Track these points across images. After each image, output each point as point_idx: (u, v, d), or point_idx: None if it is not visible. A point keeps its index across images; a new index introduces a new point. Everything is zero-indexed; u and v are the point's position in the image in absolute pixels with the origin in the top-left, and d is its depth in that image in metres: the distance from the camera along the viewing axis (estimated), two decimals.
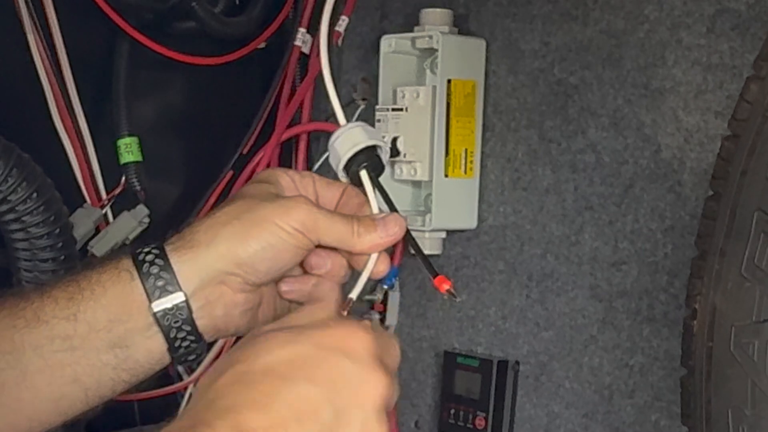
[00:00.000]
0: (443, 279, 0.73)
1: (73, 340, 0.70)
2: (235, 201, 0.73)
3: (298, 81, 1.41)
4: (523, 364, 1.28)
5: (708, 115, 1.12)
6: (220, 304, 0.72)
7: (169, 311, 0.71)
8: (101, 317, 0.70)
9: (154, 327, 0.71)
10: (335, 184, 0.78)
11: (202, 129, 1.42)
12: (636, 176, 1.18)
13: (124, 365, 0.71)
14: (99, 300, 0.70)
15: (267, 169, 0.80)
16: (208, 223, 0.72)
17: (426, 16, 1.29)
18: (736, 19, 1.10)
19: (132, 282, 0.71)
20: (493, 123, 1.30)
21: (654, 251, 1.17)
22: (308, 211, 0.72)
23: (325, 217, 0.73)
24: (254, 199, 0.73)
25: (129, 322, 0.71)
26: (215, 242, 0.71)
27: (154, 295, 0.70)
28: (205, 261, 0.71)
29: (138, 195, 1.30)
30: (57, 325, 0.70)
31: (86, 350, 0.70)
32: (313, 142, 1.45)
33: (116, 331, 0.70)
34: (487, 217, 1.31)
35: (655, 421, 1.17)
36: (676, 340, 1.12)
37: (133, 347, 0.71)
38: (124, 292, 0.71)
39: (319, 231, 0.72)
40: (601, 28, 1.20)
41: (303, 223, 0.72)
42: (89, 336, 0.70)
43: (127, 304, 0.71)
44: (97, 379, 0.71)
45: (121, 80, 1.30)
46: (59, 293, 0.71)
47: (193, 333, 0.72)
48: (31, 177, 1.08)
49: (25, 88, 1.21)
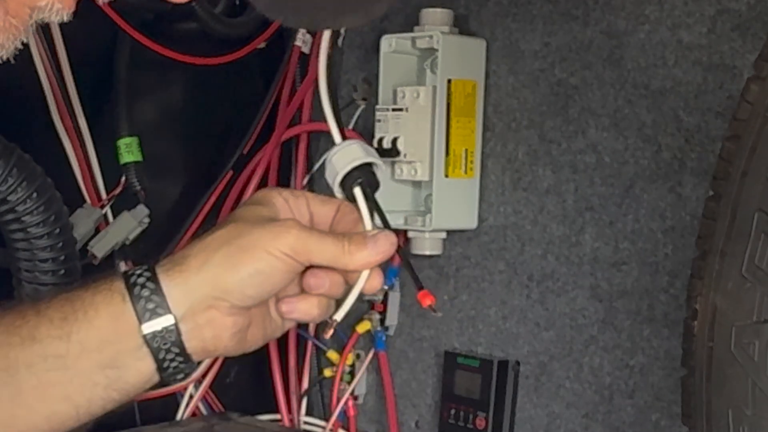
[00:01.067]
0: (426, 294, 0.75)
1: (66, 359, 0.72)
2: (227, 224, 0.75)
3: (298, 81, 1.41)
4: (524, 365, 1.28)
5: (708, 116, 1.12)
6: (209, 327, 0.73)
7: (158, 333, 0.72)
8: (93, 338, 0.72)
9: (144, 348, 0.72)
10: (330, 201, 0.79)
11: (202, 129, 1.42)
12: (636, 176, 1.18)
13: (114, 385, 0.73)
14: (92, 321, 0.72)
15: (262, 189, 0.81)
16: (200, 247, 0.74)
17: (426, 16, 1.29)
18: (736, 19, 1.10)
19: (124, 304, 0.72)
20: (494, 123, 1.30)
21: (654, 251, 1.17)
22: (297, 235, 0.73)
23: (315, 240, 0.74)
24: (246, 224, 0.74)
25: (120, 344, 0.72)
26: (205, 267, 0.72)
27: (144, 317, 0.72)
28: (194, 285, 0.72)
29: (138, 195, 1.30)
30: (50, 345, 0.72)
31: (78, 370, 0.72)
32: (313, 142, 1.45)
33: (107, 352, 0.72)
34: (488, 218, 1.31)
35: (656, 422, 1.17)
36: (676, 340, 1.12)
37: (124, 368, 0.73)
38: (115, 314, 0.72)
39: (310, 254, 0.73)
40: (601, 28, 1.20)
41: (293, 248, 0.73)
42: (81, 356, 0.72)
43: (119, 326, 0.72)
44: (88, 398, 0.73)
45: (121, 80, 1.29)
46: (54, 313, 0.72)
47: (182, 354, 0.73)
48: (31, 177, 1.08)
49: (25, 88, 1.21)
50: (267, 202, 0.77)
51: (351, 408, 1.39)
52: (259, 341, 0.78)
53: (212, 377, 1.37)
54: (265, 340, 0.78)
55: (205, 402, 1.39)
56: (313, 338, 1.42)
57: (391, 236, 0.76)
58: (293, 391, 1.41)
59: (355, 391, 1.40)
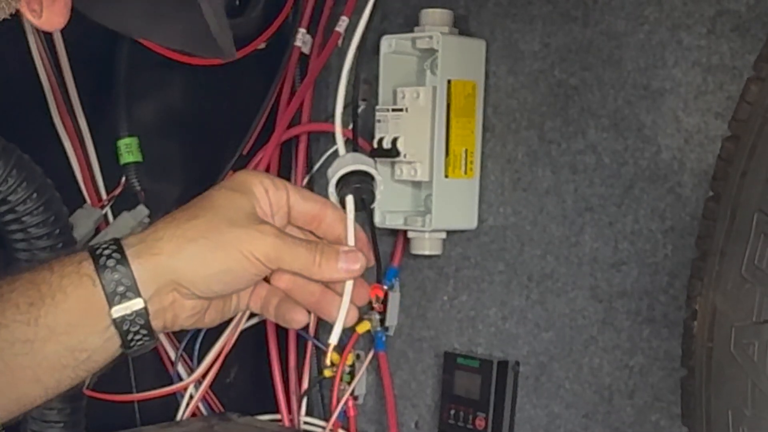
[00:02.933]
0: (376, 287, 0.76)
1: (33, 344, 0.72)
2: (205, 214, 0.75)
3: (298, 81, 1.41)
4: (523, 365, 1.28)
5: (708, 116, 1.12)
6: (170, 309, 0.75)
7: (128, 317, 0.73)
8: (62, 322, 0.72)
9: (111, 329, 0.73)
10: (311, 199, 0.80)
11: (202, 129, 1.42)
12: (636, 177, 1.18)
13: (83, 366, 0.73)
14: (60, 305, 0.72)
15: (243, 171, 0.82)
16: (173, 233, 0.74)
17: (426, 16, 1.29)
18: (736, 20, 1.10)
19: (93, 288, 0.72)
20: (493, 124, 1.30)
21: (654, 252, 1.17)
22: (273, 243, 0.74)
23: (289, 249, 0.75)
24: (223, 220, 0.74)
25: (88, 326, 0.73)
26: (177, 256, 0.73)
27: (114, 300, 0.72)
28: (164, 270, 0.73)
29: (138, 195, 1.30)
30: (17, 330, 0.71)
31: (47, 354, 0.72)
32: (313, 143, 1.45)
33: (76, 334, 0.72)
34: (487, 218, 1.31)
35: (655, 422, 1.17)
36: (676, 340, 1.12)
37: (92, 349, 0.73)
38: (85, 297, 0.72)
39: (281, 261, 0.75)
40: (601, 29, 1.20)
41: (266, 255, 0.74)
42: (50, 340, 0.72)
43: (88, 309, 0.72)
44: (57, 379, 0.73)
45: (121, 80, 1.29)
46: (19, 297, 0.72)
47: (148, 334, 0.74)
48: (31, 177, 1.08)
49: (25, 88, 1.21)
50: (246, 190, 0.77)
51: (351, 408, 1.39)
52: (215, 322, 0.80)
53: (212, 377, 1.37)
54: (222, 320, 0.80)
55: (205, 402, 1.39)
56: (313, 338, 1.42)
57: (363, 259, 0.77)
58: (293, 391, 1.41)
59: (355, 392, 1.40)
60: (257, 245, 0.74)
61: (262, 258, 0.74)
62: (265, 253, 0.74)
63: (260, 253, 0.74)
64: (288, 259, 0.75)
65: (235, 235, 0.74)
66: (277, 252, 0.74)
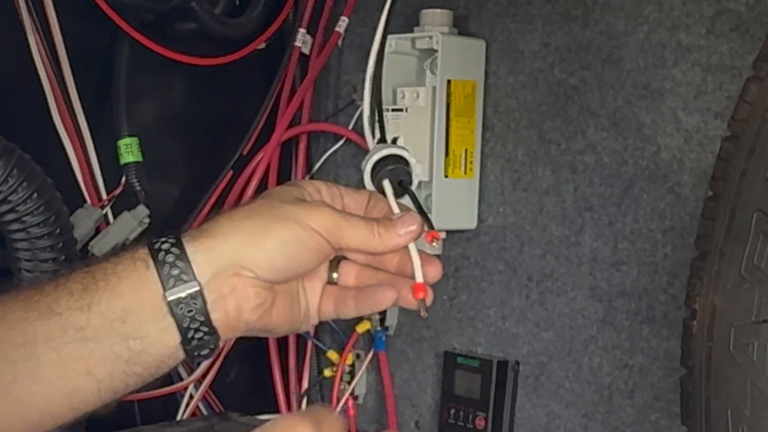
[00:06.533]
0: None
1: (86, 331, 0.69)
2: (258, 200, 0.75)
3: (298, 81, 1.41)
4: (523, 365, 1.28)
5: (707, 116, 1.12)
6: (232, 297, 0.72)
7: (183, 300, 0.70)
8: (115, 307, 0.70)
9: (168, 317, 0.70)
10: (360, 192, 0.80)
11: (202, 129, 1.42)
12: (636, 177, 1.18)
13: (137, 358, 0.71)
14: (113, 290, 0.70)
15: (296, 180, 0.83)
16: (228, 216, 0.73)
17: (426, 16, 1.29)
18: (735, 20, 1.10)
19: (147, 271, 0.70)
20: (493, 123, 1.30)
21: (654, 252, 1.17)
22: (330, 214, 0.73)
23: (346, 221, 0.74)
24: (277, 199, 0.74)
25: (143, 312, 0.70)
26: (233, 234, 0.72)
27: (169, 283, 0.70)
28: (220, 251, 0.71)
29: (138, 195, 1.30)
30: (70, 317, 0.69)
31: (99, 341, 0.69)
32: (313, 143, 1.45)
33: (130, 321, 0.70)
34: (487, 218, 1.31)
35: (655, 421, 1.17)
36: (675, 340, 1.12)
37: (147, 339, 0.70)
38: (139, 281, 0.70)
39: (341, 234, 0.73)
40: (601, 28, 1.20)
41: (324, 226, 0.73)
42: (103, 327, 0.69)
43: (142, 293, 0.70)
44: (110, 372, 0.70)
45: (121, 80, 1.30)
46: (74, 285, 0.70)
47: (207, 324, 0.71)
48: (32, 177, 1.08)
49: (25, 88, 1.21)
50: (299, 186, 0.77)
51: (351, 408, 1.39)
52: (284, 325, 0.76)
53: (212, 377, 1.37)
54: (292, 327, 0.77)
55: (205, 402, 1.39)
56: (313, 338, 1.42)
57: (416, 217, 0.76)
58: (293, 391, 1.41)
59: (355, 391, 1.40)
60: (315, 217, 0.72)
61: (320, 229, 0.72)
62: (322, 223, 0.72)
63: (317, 224, 0.72)
64: (347, 232, 0.73)
65: (292, 210, 0.73)
66: (335, 223, 0.73)
